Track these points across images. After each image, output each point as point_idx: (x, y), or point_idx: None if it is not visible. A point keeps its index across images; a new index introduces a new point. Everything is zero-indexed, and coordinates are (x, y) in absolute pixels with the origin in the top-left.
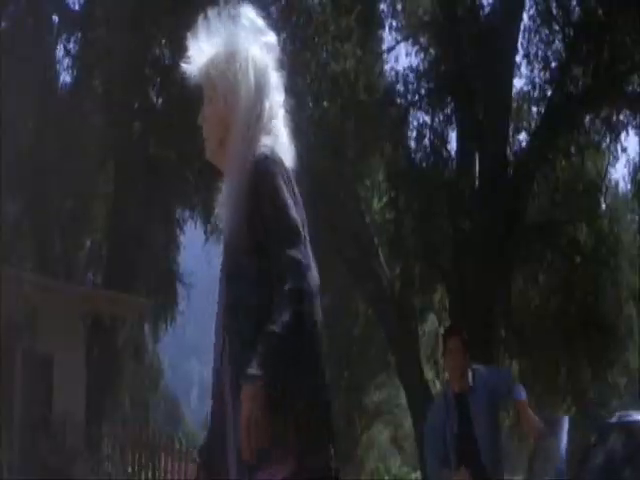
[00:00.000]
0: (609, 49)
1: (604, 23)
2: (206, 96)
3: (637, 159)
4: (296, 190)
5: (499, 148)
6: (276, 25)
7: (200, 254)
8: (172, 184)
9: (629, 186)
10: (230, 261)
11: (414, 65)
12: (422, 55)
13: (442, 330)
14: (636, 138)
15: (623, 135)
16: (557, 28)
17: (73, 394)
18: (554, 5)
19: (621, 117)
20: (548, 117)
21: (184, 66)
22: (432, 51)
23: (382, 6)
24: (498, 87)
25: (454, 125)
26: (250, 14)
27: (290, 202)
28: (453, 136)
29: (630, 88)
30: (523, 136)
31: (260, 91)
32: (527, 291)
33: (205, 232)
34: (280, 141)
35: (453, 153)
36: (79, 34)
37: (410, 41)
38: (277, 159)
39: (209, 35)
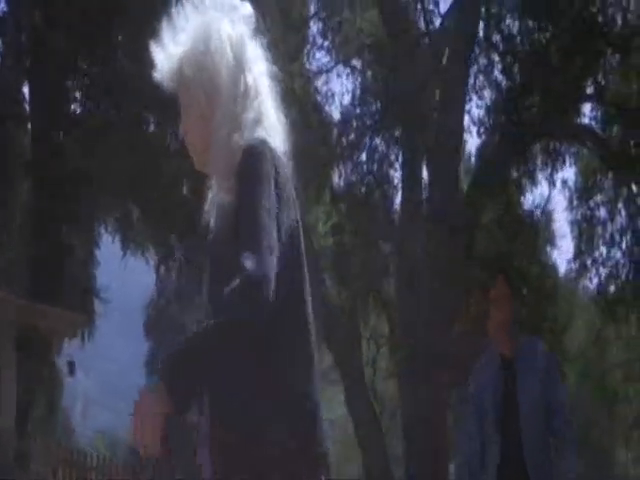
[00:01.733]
0: (559, 80)
1: (555, 54)
2: (183, 103)
3: (577, 190)
4: (289, 185)
5: (449, 176)
6: None
7: (117, 269)
8: (90, 198)
9: (570, 216)
10: (215, 264)
11: (362, 87)
12: (369, 78)
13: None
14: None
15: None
16: (508, 59)
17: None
18: (505, 35)
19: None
20: (498, 146)
21: (155, 76)
22: (379, 74)
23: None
24: (450, 113)
25: (403, 150)
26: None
27: (264, 207)
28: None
29: (578, 119)
30: (473, 163)
31: (240, 68)
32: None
33: (122, 247)
34: (269, 122)
35: (401, 179)
36: None
37: (356, 63)
38: (267, 153)
39: (174, 34)
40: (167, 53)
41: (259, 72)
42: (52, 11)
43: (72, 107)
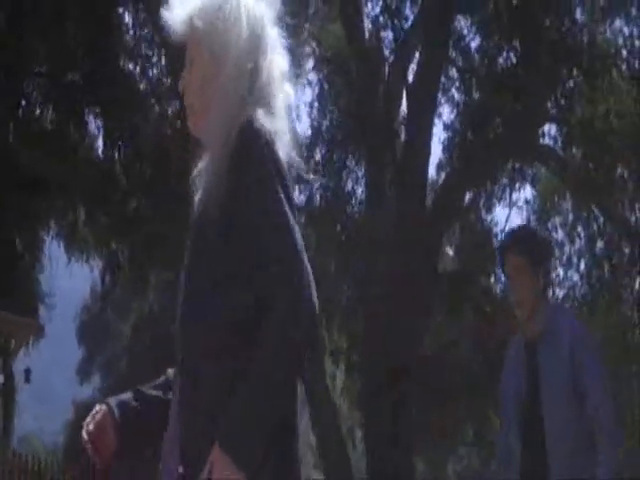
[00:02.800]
0: (524, 100)
1: (521, 74)
2: (188, 54)
3: (534, 211)
4: (290, 186)
5: (416, 193)
6: None
7: (62, 274)
8: (38, 201)
9: None
10: (194, 250)
11: (323, 101)
12: (332, 93)
13: None
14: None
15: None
16: (474, 78)
17: None
18: (468, 54)
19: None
20: (465, 165)
21: (165, 14)
22: (346, 90)
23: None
24: (418, 131)
25: (370, 167)
26: None
27: (279, 191)
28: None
29: (542, 140)
30: (439, 182)
31: (255, 44)
32: (438, 340)
33: (67, 252)
34: (277, 124)
35: (365, 196)
36: None
37: (316, 76)
38: (268, 135)
39: None
40: (181, 4)
41: (274, 62)
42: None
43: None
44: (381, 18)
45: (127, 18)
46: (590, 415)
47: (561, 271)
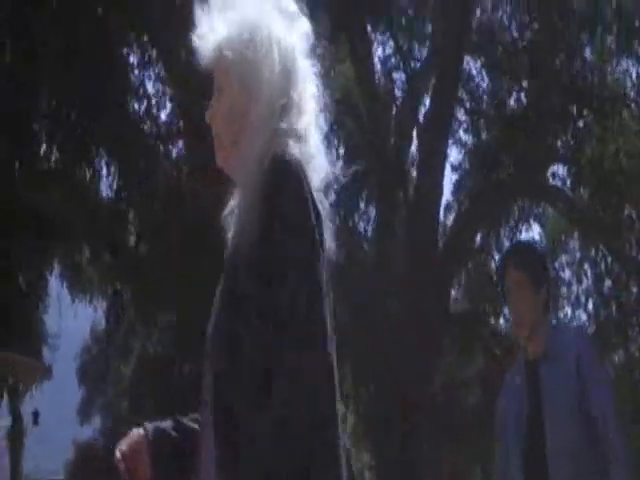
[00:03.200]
0: (534, 141)
1: (530, 115)
2: (217, 85)
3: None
4: (319, 220)
5: (427, 234)
6: None
7: (66, 314)
8: (43, 240)
9: None
10: (226, 289)
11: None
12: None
13: None
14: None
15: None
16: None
17: None
18: (483, 97)
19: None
20: (475, 206)
21: (195, 42)
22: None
23: None
24: (429, 171)
25: (381, 207)
26: None
27: (310, 226)
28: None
29: (550, 180)
30: (450, 221)
31: (286, 77)
32: (449, 380)
33: (71, 292)
34: (309, 150)
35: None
36: None
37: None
38: (299, 168)
39: (224, 9)
40: (211, 25)
41: (308, 93)
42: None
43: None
44: (392, 59)
45: (133, 58)
46: (602, 439)
47: (569, 310)
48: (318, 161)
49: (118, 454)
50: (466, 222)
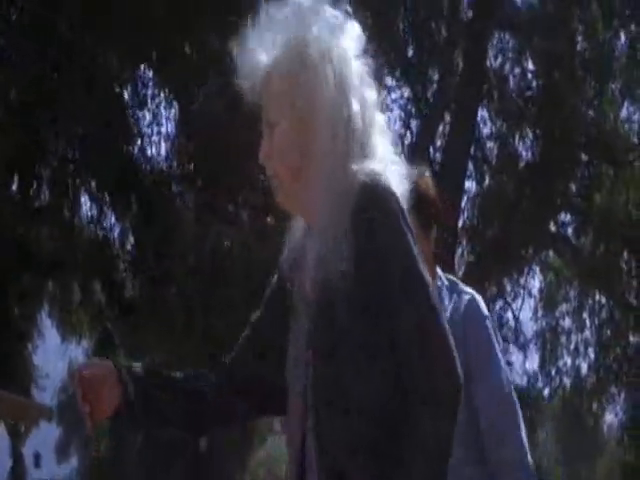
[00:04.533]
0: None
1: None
2: (267, 121)
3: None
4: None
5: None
6: None
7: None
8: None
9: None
10: (324, 334)
11: None
12: None
13: None
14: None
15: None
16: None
17: None
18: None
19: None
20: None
21: (239, 83)
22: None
23: None
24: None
25: None
26: (321, 6)
27: (419, 258)
28: None
29: (554, 229)
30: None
31: (344, 90)
32: None
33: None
34: (383, 159)
35: None
36: None
37: None
38: (388, 190)
39: (261, 36)
40: (254, 58)
41: (365, 100)
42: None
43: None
44: (408, 106)
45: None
46: (484, 431)
47: (569, 360)
48: (399, 175)
49: (78, 375)
50: (476, 274)
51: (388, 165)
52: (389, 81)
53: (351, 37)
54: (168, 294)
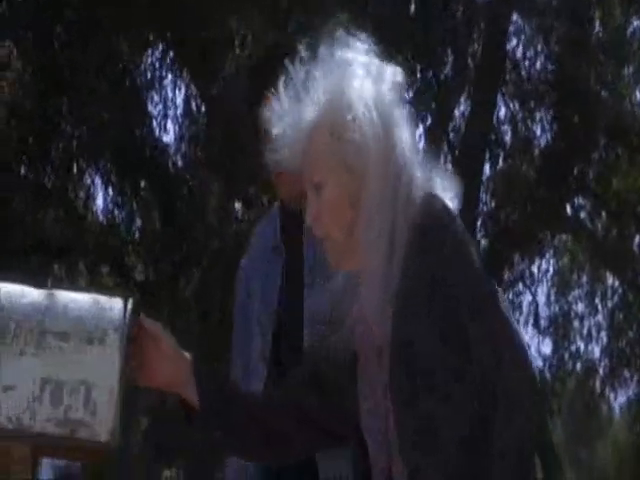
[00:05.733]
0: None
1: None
2: (312, 183)
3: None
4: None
5: None
6: None
7: None
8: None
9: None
10: (403, 377)
11: None
12: None
13: None
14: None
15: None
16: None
17: None
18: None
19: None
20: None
21: (270, 157)
22: None
23: None
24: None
25: None
26: (357, 54)
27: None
28: None
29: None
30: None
31: (390, 136)
32: None
33: None
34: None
35: None
36: None
37: None
38: (447, 215)
39: (296, 94)
40: (290, 119)
41: (408, 143)
42: None
43: None
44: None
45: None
46: None
47: (582, 344)
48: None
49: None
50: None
51: (436, 195)
52: (406, 63)
53: (392, 84)
54: (186, 278)
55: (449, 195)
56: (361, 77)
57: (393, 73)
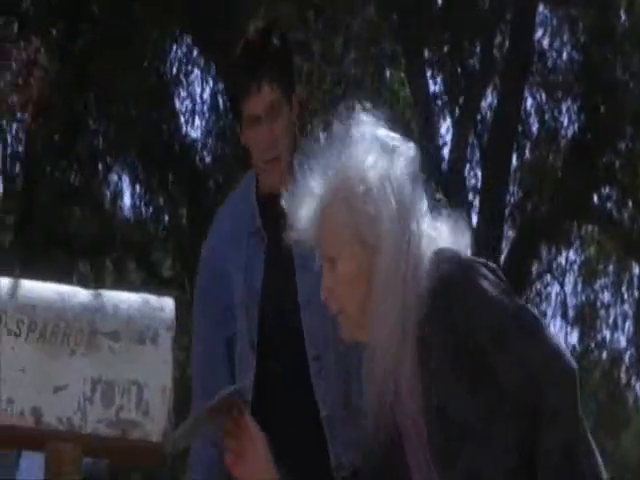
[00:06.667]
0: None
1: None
2: (326, 256)
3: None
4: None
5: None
6: None
7: None
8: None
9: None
10: (442, 444)
11: None
12: None
13: None
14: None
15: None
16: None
17: None
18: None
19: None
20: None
21: (291, 235)
22: None
23: None
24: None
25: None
26: (371, 128)
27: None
28: None
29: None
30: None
31: (404, 209)
32: None
33: None
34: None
35: None
36: None
37: None
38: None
39: (313, 173)
40: (304, 194)
41: (422, 213)
42: None
43: None
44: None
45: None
46: None
47: (607, 333)
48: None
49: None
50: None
51: (442, 250)
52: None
53: (406, 159)
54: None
55: (460, 239)
56: (375, 152)
57: (407, 148)
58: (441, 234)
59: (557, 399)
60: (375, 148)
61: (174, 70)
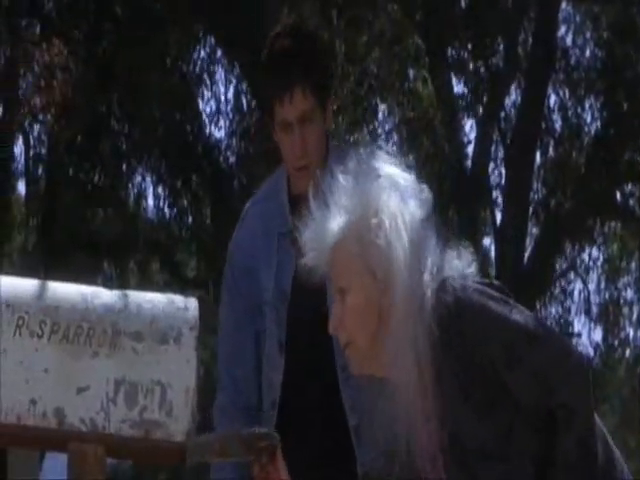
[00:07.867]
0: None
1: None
2: (337, 288)
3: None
4: None
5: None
6: None
7: None
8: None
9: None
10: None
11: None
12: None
13: None
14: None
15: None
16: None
17: None
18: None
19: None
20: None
21: (304, 263)
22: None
23: None
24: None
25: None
26: (386, 167)
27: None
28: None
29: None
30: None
31: (416, 247)
32: None
33: None
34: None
35: None
36: None
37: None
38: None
39: (328, 206)
40: (321, 225)
41: (433, 252)
42: None
43: None
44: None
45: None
46: None
47: (631, 331)
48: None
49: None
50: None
51: (447, 279)
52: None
53: (419, 199)
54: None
55: (466, 269)
56: (388, 189)
57: (420, 189)
58: (451, 266)
59: (569, 397)
60: (388, 185)
61: (197, 70)
